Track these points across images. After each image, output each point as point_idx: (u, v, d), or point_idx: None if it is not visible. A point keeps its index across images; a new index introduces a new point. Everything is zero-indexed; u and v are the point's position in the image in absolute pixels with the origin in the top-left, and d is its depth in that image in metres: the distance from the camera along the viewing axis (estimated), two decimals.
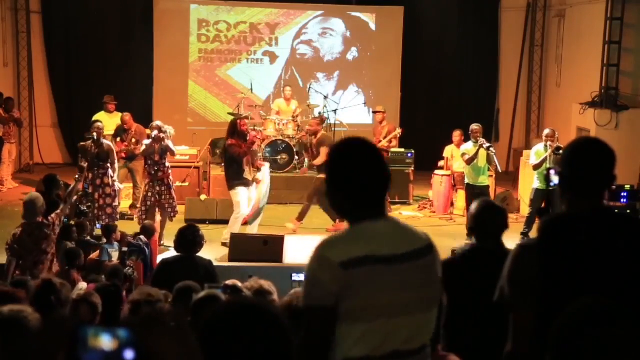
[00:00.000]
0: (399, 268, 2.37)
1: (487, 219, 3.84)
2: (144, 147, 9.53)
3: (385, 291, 2.35)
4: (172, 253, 6.99)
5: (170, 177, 9.57)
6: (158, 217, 9.50)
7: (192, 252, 5.95)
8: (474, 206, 3.94)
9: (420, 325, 2.43)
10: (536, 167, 9.68)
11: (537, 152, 9.85)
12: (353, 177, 2.42)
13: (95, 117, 11.59)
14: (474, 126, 10.09)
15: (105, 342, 1.64)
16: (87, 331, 1.66)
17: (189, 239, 5.95)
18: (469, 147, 10.06)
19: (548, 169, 2.95)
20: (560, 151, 8.67)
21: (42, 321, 3.61)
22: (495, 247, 3.77)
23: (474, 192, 9.89)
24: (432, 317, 2.48)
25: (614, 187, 7.14)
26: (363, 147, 2.49)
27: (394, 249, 2.38)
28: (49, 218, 7.09)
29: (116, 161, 9.66)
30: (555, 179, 2.81)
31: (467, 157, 9.94)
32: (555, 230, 2.63)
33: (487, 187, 10.18)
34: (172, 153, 9.58)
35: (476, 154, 9.83)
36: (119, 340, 1.64)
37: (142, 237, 7.72)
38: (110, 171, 9.40)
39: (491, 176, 10.93)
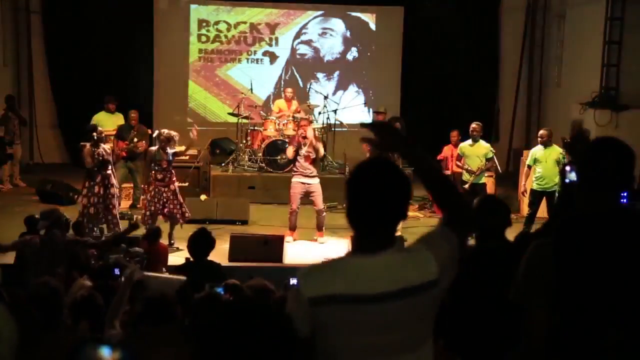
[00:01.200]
0: (379, 308, 2.19)
1: (488, 215, 3.65)
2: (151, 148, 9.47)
3: (359, 333, 2.19)
4: (184, 253, 6.99)
5: (176, 183, 9.43)
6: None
7: (204, 255, 6.00)
8: (475, 202, 3.79)
9: None
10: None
11: (533, 153, 9.91)
12: (360, 201, 2.27)
13: (95, 117, 11.61)
14: (474, 124, 10.15)
15: (105, 356, 1.65)
16: (87, 345, 1.67)
17: (198, 244, 6.00)
18: (466, 144, 10.15)
19: (564, 165, 2.93)
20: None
21: (45, 325, 3.62)
22: (498, 244, 3.60)
23: (471, 190, 9.94)
24: (421, 354, 2.29)
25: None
26: (379, 171, 2.28)
27: (374, 288, 2.19)
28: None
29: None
30: (571, 176, 2.80)
31: (463, 160, 10.10)
32: (571, 228, 2.63)
33: (484, 185, 10.23)
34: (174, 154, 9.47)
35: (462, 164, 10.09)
36: (117, 355, 1.65)
37: (137, 248, 7.77)
38: (109, 171, 9.26)
39: (490, 176, 10.94)
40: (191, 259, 6.17)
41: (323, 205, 9.81)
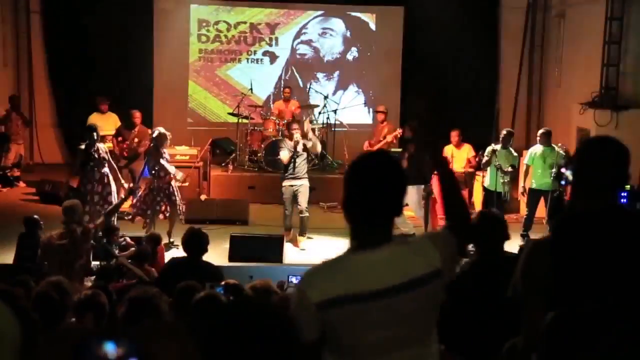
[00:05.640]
0: (386, 302, 2.20)
1: (487, 230, 3.72)
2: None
3: (370, 329, 2.20)
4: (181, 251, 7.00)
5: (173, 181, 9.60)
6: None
7: (200, 255, 6.00)
8: (473, 217, 3.84)
9: (420, 356, 2.29)
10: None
11: (532, 153, 9.86)
12: (358, 193, 2.29)
13: (90, 118, 11.67)
14: (508, 131, 10.12)
15: (109, 352, 1.65)
16: (92, 341, 1.67)
17: (197, 243, 6.00)
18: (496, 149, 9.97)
19: (559, 167, 2.95)
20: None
21: (44, 326, 3.61)
22: (497, 258, 3.65)
23: (492, 196, 9.69)
24: (431, 345, 2.33)
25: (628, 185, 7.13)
26: (377, 164, 2.32)
27: (381, 283, 2.20)
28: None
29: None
30: (567, 176, 2.82)
31: (485, 159, 9.94)
32: (568, 227, 2.64)
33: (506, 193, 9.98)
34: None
35: (487, 162, 9.83)
36: (122, 350, 1.65)
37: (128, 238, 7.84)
38: (106, 169, 9.46)
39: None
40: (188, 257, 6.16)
41: (306, 207, 9.72)
